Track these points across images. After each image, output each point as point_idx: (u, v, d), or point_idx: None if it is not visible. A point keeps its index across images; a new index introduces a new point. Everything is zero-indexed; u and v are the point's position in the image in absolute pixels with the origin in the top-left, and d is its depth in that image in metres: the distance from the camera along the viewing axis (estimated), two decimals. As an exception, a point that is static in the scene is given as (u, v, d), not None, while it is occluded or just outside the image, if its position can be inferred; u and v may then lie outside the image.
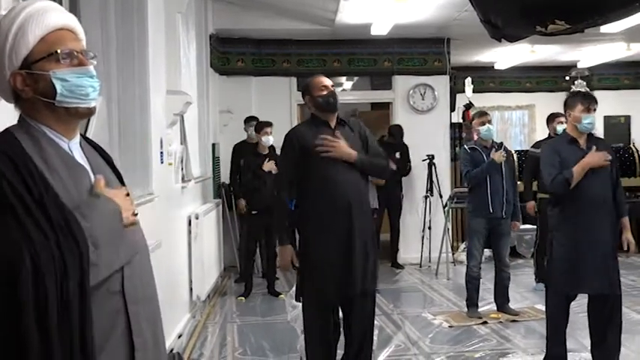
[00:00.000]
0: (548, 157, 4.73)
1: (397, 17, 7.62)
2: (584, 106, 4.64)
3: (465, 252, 8.87)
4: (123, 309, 1.75)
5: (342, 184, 4.18)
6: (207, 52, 7.85)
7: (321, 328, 4.29)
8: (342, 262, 4.15)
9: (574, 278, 4.58)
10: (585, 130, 4.66)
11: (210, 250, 7.17)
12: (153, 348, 1.83)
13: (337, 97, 4.34)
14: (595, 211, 4.53)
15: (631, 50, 10.55)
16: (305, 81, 4.54)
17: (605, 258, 4.55)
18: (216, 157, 8.37)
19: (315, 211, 4.21)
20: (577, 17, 4.68)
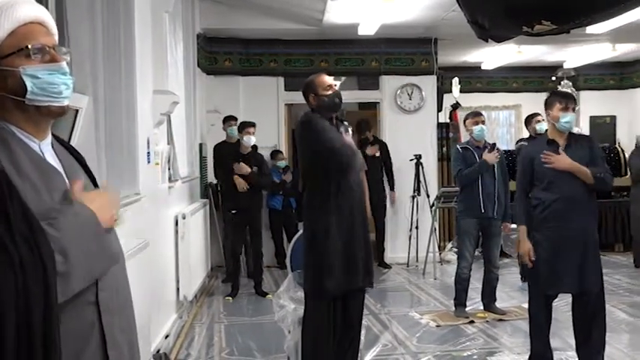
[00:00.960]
0: (522, 170, 4.83)
1: (384, 17, 7.63)
2: (562, 105, 4.65)
3: (451, 251, 8.93)
4: (97, 320, 1.66)
5: (354, 181, 4.30)
6: (194, 52, 7.83)
7: (325, 325, 4.32)
8: (349, 254, 4.25)
9: (553, 278, 4.62)
10: (563, 129, 4.67)
11: (197, 250, 7.16)
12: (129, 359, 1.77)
13: (341, 97, 4.41)
14: (574, 210, 4.56)
15: (616, 51, 10.62)
16: (307, 79, 4.53)
17: (584, 257, 4.58)
18: (203, 156, 8.36)
19: (331, 206, 4.24)
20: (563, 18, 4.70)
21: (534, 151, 4.78)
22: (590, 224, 4.68)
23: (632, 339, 5.76)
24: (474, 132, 6.44)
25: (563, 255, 4.57)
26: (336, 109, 4.35)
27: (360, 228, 4.32)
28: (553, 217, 4.60)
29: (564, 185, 4.57)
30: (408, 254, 9.07)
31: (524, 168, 4.78)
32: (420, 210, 8.92)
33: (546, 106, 4.79)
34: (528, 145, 5.48)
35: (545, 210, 4.62)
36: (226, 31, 8.77)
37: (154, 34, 5.38)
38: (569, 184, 4.57)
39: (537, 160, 4.67)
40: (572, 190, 4.57)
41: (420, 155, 8.90)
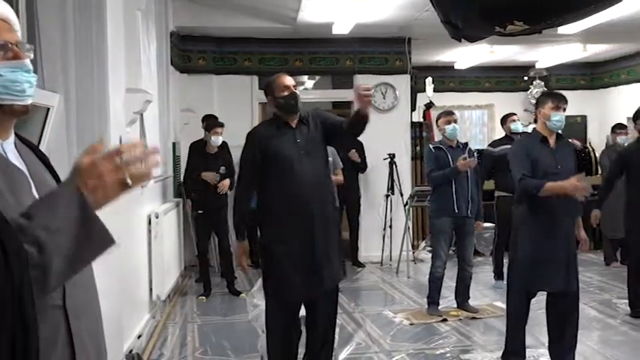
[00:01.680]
0: (519, 156, 4.75)
1: (358, 16, 7.64)
2: (554, 104, 4.72)
3: (425, 250, 8.97)
4: (64, 324, 1.60)
5: (304, 183, 4.16)
6: (167, 50, 7.78)
7: (284, 326, 4.30)
8: (305, 260, 4.15)
9: (537, 276, 4.65)
10: (554, 127, 4.73)
11: (170, 250, 7.12)
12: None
13: (299, 98, 4.30)
14: (558, 209, 4.60)
15: (587, 51, 10.74)
16: (267, 80, 4.48)
17: (567, 256, 4.63)
18: (176, 155, 8.31)
19: (276, 210, 4.21)
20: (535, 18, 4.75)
21: (528, 146, 4.78)
22: (572, 223, 4.74)
23: (603, 336, 5.83)
24: (447, 131, 6.47)
25: (551, 253, 4.59)
26: (292, 111, 4.27)
27: (320, 232, 4.21)
28: (542, 214, 4.62)
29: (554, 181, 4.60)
30: (382, 253, 9.10)
31: (521, 156, 4.72)
32: (393, 209, 8.95)
33: (537, 105, 4.86)
34: (522, 138, 5.50)
35: (535, 206, 4.65)
36: (200, 29, 8.73)
37: (127, 32, 5.33)
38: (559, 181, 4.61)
39: (531, 154, 4.68)
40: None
41: (393, 154, 8.93)
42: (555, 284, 4.66)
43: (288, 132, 4.27)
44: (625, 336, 5.78)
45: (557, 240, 4.60)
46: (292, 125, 4.29)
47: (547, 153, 4.69)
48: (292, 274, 4.16)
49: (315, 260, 4.17)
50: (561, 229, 4.61)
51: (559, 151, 4.71)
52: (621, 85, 12.06)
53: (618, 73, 12.15)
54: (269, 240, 4.25)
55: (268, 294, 4.31)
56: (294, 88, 4.33)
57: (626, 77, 11.90)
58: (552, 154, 4.68)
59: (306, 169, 4.18)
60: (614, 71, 12.29)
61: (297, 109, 4.28)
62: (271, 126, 4.34)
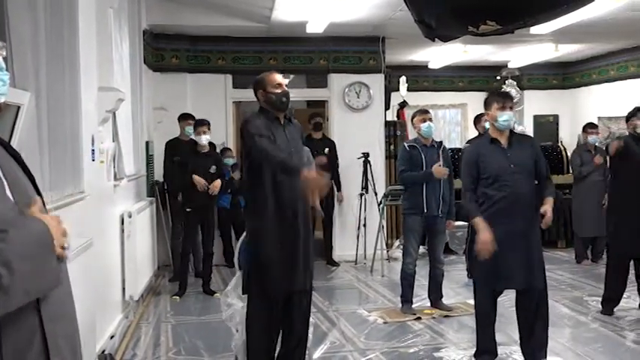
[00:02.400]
0: (468, 164, 4.88)
1: (332, 15, 7.65)
2: (499, 104, 4.76)
3: (399, 249, 8.99)
4: (39, 327, 1.61)
5: (294, 181, 4.21)
6: (140, 48, 7.72)
7: (266, 323, 4.31)
8: (292, 257, 4.24)
9: (499, 274, 4.71)
10: (502, 127, 4.78)
11: (143, 249, 7.07)
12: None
13: (289, 97, 4.42)
14: (516, 207, 4.66)
15: (559, 51, 10.84)
16: (258, 76, 4.53)
17: (528, 253, 4.68)
18: (150, 154, 8.26)
19: (267, 207, 4.24)
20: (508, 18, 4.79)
21: (479, 149, 4.88)
22: (535, 221, 4.79)
23: (574, 333, 5.89)
24: (422, 129, 6.50)
25: (509, 251, 4.65)
26: (282, 108, 4.37)
27: (303, 230, 4.29)
28: (500, 213, 4.67)
29: (510, 182, 4.66)
30: (356, 252, 9.11)
31: (470, 165, 4.85)
32: (367, 208, 8.96)
33: (485, 107, 4.91)
34: (472, 143, 5.58)
35: (492, 207, 4.70)
36: (173, 27, 8.68)
37: (99, 30, 5.29)
38: (516, 182, 4.67)
39: (482, 157, 4.76)
40: (518, 187, 4.67)
41: (367, 153, 8.95)
42: (517, 282, 4.72)
43: (280, 127, 4.37)
44: (596, 333, 5.85)
45: (516, 238, 4.65)
46: (281, 122, 4.38)
47: (499, 154, 4.74)
48: (277, 269, 4.22)
49: (301, 257, 4.27)
50: (520, 227, 4.66)
51: (513, 149, 4.75)
52: (592, 85, 12.20)
53: (589, 73, 12.29)
54: (257, 233, 4.27)
55: (253, 291, 4.31)
56: (285, 86, 4.43)
57: (597, 77, 12.04)
58: (505, 154, 4.73)
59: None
60: (585, 71, 12.43)
61: (287, 106, 4.40)
62: (265, 119, 4.36)
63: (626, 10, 7.50)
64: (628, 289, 6.46)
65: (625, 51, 10.93)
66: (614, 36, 9.74)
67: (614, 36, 9.74)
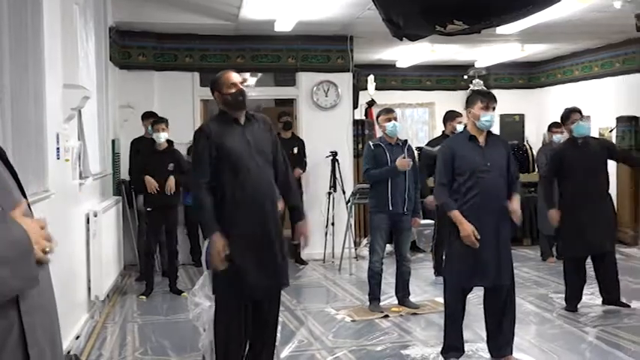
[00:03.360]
0: (444, 161, 4.90)
1: (301, 14, 7.64)
2: (483, 104, 4.81)
3: (367, 247, 9.02)
4: (17, 319, 1.60)
5: (257, 181, 4.19)
6: (106, 46, 7.64)
7: (235, 323, 4.27)
8: (259, 259, 4.18)
9: (470, 272, 4.75)
10: (483, 127, 4.83)
11: (109, 249, 7.00)
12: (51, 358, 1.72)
13: (246, 95, 4.32)
14: (488, 206, 4.71)
15: (525, 51, 10.96)
16: (214, 76, 4.46)
17: (499, 251, 4.74)
18: (116, 153, 8.18)
19: (230, 209, 4.18)
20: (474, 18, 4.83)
21: (456, 145, 4.90)
22: (506, 219, 4.85)
23: (539, 329, 5.96)
24: (387, 128, 6.54)
25: (481, 249, 4.69)
26: (239, 108, 4.28)
27: (273, 229, 4.25)
28: (472, 210, 4.72)
29: (485, 180, 4.70)
30: (324, 250, 9.12)
31: (445, 161, 4.86)
32: (335, 206, 8.98)
33: (468, 104, 4.93)
34: (449, 140, 5.60)
35: (465, 204, 4.74)
36: (140, 24, 8.60)
37: (64, 27, 5.23)
38: (489, 179, 4.71)
39: (458, 154, 4.79)
40: (491, 185, 4.72)
41: (336, 152, 8.96)
42: (487, 279, 4.78)
43: (238, 129, 4.27)
44: (560, 329, 5.93)
45: (486, 237, 4.70)
46: (240, 122, 4.29)
47: (476, 151, 4.79)
48: (246, 273, 4.16)
49: (270, 259, 4.22)
50: (489, 226, 4.72)
51: (489, 148, 4.80)
52: (557, 85, 12.35)
53: (554, 73, 12.44)
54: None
55: (220, 292, 4.28)
56: (242, 84, 4.33)
57: (561, 77, 12.19)
58: (481, 151, 4.78)
59: (258, 167, 4.21)
60: (550, 71, 12.58)
61: (244, 105, 4.30)
62: (221, 122, 4.30)
63: (590, 11, 7.62)
64: (591, 285, 6.56)
65: (589, 51, 11.09)
66: (579, 37, 9.89)
67: (579, 37, 9.89)
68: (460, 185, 4.78)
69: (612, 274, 6.40)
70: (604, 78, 10.74)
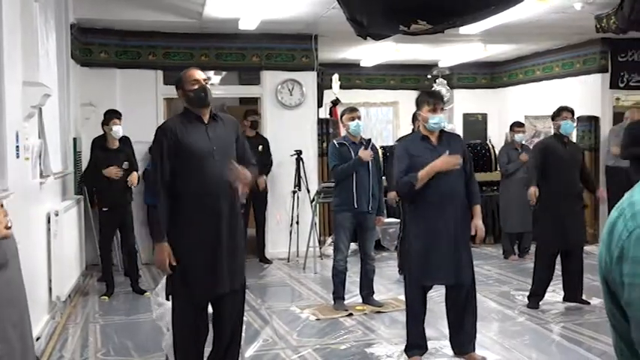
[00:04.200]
0: (399, 158, 4.94)
1: (265, 13, 7.62)
2: (430, 106, 4.83)
3: (331, 246, 9.04)
4: None
5: (214, 180, 4.14)
6: (67, 43, 7.54)
7: (191, 325, 4.23)
8: (210, 260, 4.13)
9: (428, 270, 4.79)
10: (432, 129, 4.86)
11: (71, 249, 6.91)
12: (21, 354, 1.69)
13: (209, 92, 4.28)
14: (447, 204, 4.75)
15: (487, 51, 11.07)
16: (178, 74, 4.44)
17: (457, 249, 4.78)
18: (77, 151, 8.07)
19: (185, 206, 4.14)
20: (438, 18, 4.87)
21: (409, 146, 4.94)
22: (463, 217, 4.89)
23: (502, 326, 6.03)
24: (350, 127, 6.56)
25: (439, 247, 4.74)
26: (202, 105, 4.25)
27: (225, 230, 4.19)
28: (430, 209, 4.75)
29: (440, 179, 4.74)
30: (289, 249, 9.11)
31: (401, 158, 4.88)
32: (300, 205, 8.97)
33: (417, 106, 4.97)
34: (403, 140, 5.66)
35: (423, 203, 4.77)
36: (102, 21, 8.49)
37: (23, 23, 5.15)
38: (446, 179, 4.75)
39: (412, 154, 4.82)
40: (448, 184, 4.76)
41: (300, 151, 8.96)
42: (445, 277, 4.82)
43: (200, 127, 4.24)
44: (522, 326, 6.01)
45: (444, 234, 4.75)
46: (204, 120, 4.26)
47: (428, 151, 4.83)
48: (199, 272, 4.13)
49: (222, 258, 4.15)
50: (448, 223, 4.76)
51: (442, 147, 4.83)
52: (519, 85, 12.49)
53: (516, 73, 12.58)
54: (176, 237, 4.15)
55: (174, 292, 4.24)
56: (205, 82, 4.31)
57: (523, 77, 12.33)
58: (435, 151, 4.81)
59: (217, 165, 4.15)
60: (512, 71, 12.72)
61: (207, 102, 4.26)
62: (183, 120, 4.27)
63: (551, 12, 7.72)
64: (552, 283, 6.65)
65: (550, 52, 11.24)
66: (540, 37, 10.01)
67: (540, 37, 10.01)
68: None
69: (579, 271, 6.50)
70: (565, 78, 10.89)
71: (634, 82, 10.10)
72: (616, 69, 10.06)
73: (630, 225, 1.37)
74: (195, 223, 4.13)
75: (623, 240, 1.37)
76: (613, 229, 1.42)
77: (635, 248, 1.34)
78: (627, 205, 1.42)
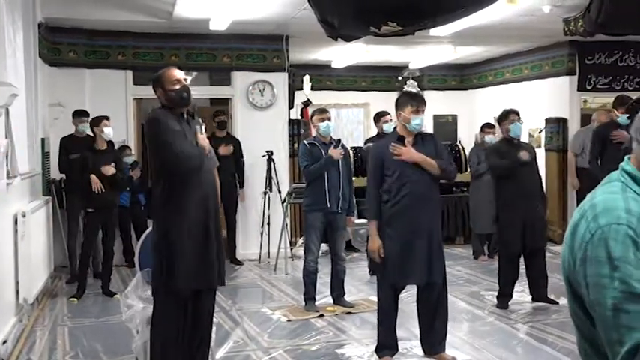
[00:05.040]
0: (373, 166, 5.00)
1: (236, 13, 7.59)
2: (413, 107, 4.87)
3: (302, 247, 9.04)
4: None
5: (205, 175, 4.25)
6: (35, 42, 7.44)
7: (174, 323, 4.25)
8: (202, 254, 4.21)
9: (403, 270, 4.82)
10: (414, 130, 4.90)
11: (39, 250, 6.82)
12: None
13: (190, 92, 4.33)
14: (421, 205, 4.79)
15: (457, 53, 11.15)
16: (156, 73, 4.45)
17: (430, 250, 4.81)
18: (46, 152, 7.97)
19: (177, 201, 4.19)
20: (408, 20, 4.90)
21: (385, 148, 4.96)
22: (436, 218, 4.94)
23: (471, 326, 6.08)
24: (321, 128, 6.58)
25: (412, 248, 4.77)
26: (183, 104, 4.30)
27: (213, 227, 4.29)
28: (403, 211, 4.78)
29: (415, 180, 4.77)
30: (260, 250, 9.09)
31: (375, 165, 4.93)
32: (271, 206, 8.96)
33: (398, 107, 4.98)
34: (378, 143, 5.67)
35: (396, 205, 4.81)
36: (70, 21, 8.40)
37: (-10, 22, 5.07)
38: (418, 180, 4.78)
39: (387, 156, 4.84)
40: (421, 185, 4.79)
41: (271, 151, 8.95)
42: (419, 277, 4.85)
43: (185, 125, 4.28)
44: (491, 326, 6.06)
45: (417, 236, 4.78)
46: (184, 118, 4.35)
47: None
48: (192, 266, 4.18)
49: (214, 255, 4.25)
50: (421, 225, 4.79)
51: (418, 148, 4.87)
52: (489, 87, 12.60)
53: (486, 75, 12.68)
54: (171, 233, 4.19)
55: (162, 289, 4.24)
56: (185, 81, 4.34)
57: (493, 79, 12.44)
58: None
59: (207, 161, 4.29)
60: (482, 73, 12.82)
61: (188, 102, 4.33)
62: (167, 116, 4.27)
63: (520, 15, 7.80)
64: (520, 283, 6.72)
65: (519, 54, 11.35)
66: (510, 40, 10.11)
67: (510, 40, 10.11)
68: (390, 186, 4.84)
69: (542, 270, 6.58)
70: (533, 80, 11.00)
71: (601, 84, 10.24)
72: (583, 71, 10.19)
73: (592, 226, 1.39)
74: (190, 219, 4.19)
75: (586, 241, 1.39)
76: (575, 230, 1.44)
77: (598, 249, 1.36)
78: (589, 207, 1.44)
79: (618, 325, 1.31)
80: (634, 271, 1.31)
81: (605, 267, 1.33)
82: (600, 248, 1.35)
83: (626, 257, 1.32)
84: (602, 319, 1.35)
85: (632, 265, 1.31)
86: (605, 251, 1.34)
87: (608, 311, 1.32)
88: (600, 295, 1.34)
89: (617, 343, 1.31)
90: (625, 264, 1.31)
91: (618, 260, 1.32)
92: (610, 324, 1.32)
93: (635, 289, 1.30)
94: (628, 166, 1.48)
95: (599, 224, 1.38)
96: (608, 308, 1.32)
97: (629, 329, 1.29)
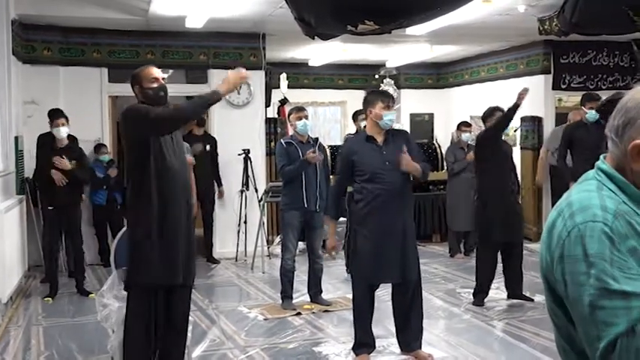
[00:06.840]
0: (341, 163, 5.09)
1: (212, 11, 7.56)
2: (384, 103, 4.88)
3: (279, 245, 9.03)
4: None
5: (180, 173, 4.26)
6: (8, 39, 7.35)
7: (147, 319, 4.23)
8: (172, 250, 4.20)
9: (376, 268, 4.83)
10: (386, 126, 4.91)
11: (12, 249, 6.75)
12: None
13: (167, 91, 4.36)
14: (394, 203, 4.79)
15: (434, 52, 11.20)
16: (134, 71, 4.44)
17: (403, 247, 4.83)
18: (19, 150, 7.88)
19: (151, 200, 4.17)
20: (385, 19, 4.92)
21: (354, 147, 4.98)
22: (409, 216, 4.96)
23: (448, 324, 6.12)
24: (298, 127, 6.57)
25: (386, 246, 4.78)
26: (161, 103, 4.30)
27: (184, 225, 4.28)
28: (375, 210, 4.79)
29: (386, 179, 4.78)
30: (237, 249, 9.07)
31: (344, 163, 4.95)
32: (248, 204, 8.94)
33: (368, 104, 4.98)
34: (349, 141, 5.70)
35: (368, 204, 4.81)
36: (44, 17, 8.30)
37: (-38, 18, 5.00)
38: (391, 178, 4.79)
39: (358, 154, 4.85)
40: (393, 184, 4.80)
41: (248, 150, 8.92)
42: (393, 275, 4.87)
43: None
44: (467, 323, 6.10)
45: (391, 234, 4.80)
46: None
47: (374, 152, 4.87)
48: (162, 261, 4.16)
49: (183, 251, 4.24)
50: (395, 224, 4.81)
51: (388, 147, 4.88)
52: (465, 85, 12.67)
53: (462, 73, 12.75)
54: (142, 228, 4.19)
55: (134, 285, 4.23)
56: (163, 80, 4.36)
57: (469, 78, 12.51)
58: (380, 151, 4.86)
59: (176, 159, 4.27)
60: (458, 72, 12.89)
61: (165, 100, 4.34)
62: None
63: (495, 14, 7.85)
64: (496, 280, 6.76)
65: (495, 53, 11.43)
66: (485, 39, 10.17)
67: (485, 39, 10.17)
68: (362, 185, 4.84)
69: (518, 267, 6.64)
70: (509, 79, 11.07)
71: (575, 83, 10.34)
72: (558, 71, 10.28)
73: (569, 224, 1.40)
74: (161, 215, 4.17)
75: (563, 239, 1.40)
76: (552, 228, 1.45)
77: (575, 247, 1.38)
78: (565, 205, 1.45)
79: (596, 321, 1.32)
80: (609, 268, 1.32)
81: (582, 264, 1.35)
82: (577, 246, 1.36)
83: (602, 254, 1.33)
84: (580, 316, 1.36)
85: (607, 262, 1.32)
86: (581, 249, 1.35)
87: (585, 308, 1.33)
88: (577, 292, 1.36)
89: (596, 339, 1.32)
90: (601, 261, 1.33)
91: (594, 257, 1.33)
92: (588, 321, 1.34)
93: (610, 286, 1.31)
94: (604, 165, 1.49)
95: (575, 222, 1.39)
96: (585, 305, 1.33)
97: (607, 325, 1.30)
